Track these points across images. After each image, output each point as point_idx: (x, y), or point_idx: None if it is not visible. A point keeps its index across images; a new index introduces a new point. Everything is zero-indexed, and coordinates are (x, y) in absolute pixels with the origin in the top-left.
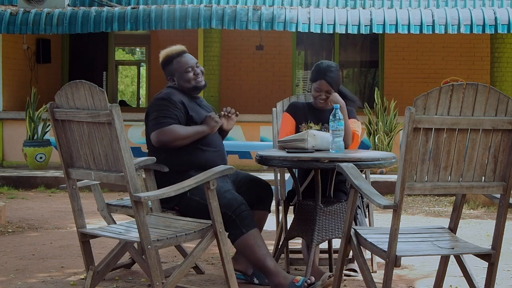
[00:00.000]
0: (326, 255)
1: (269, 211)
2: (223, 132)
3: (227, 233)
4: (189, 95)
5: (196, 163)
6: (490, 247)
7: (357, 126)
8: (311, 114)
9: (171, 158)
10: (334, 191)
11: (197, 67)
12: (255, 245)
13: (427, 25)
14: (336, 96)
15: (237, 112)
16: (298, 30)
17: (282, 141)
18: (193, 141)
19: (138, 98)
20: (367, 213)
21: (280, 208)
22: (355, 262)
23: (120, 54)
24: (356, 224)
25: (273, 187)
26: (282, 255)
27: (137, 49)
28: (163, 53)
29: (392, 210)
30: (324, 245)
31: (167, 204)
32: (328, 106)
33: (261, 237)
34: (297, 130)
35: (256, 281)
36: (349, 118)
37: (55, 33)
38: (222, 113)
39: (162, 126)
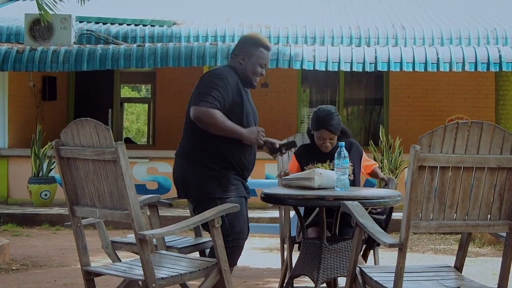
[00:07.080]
0: None
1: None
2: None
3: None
4: (241, 82)
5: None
6: (496, 286)
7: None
8: (318, 153)
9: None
10: (341, 225)
11: (265, 68)
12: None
13: (431, 63)
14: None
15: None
16: (303, 67)
17: (288, 179)
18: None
19: (148, 136)
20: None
21: (285, 246)
22: None
23: (125, 92)
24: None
25: (278, 225)
26: None
27: (143, 86)
28: (258, 34)
29: (397, 248)
30: None
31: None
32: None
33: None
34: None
35: None
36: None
37: (61, 70)
38: (278, 156)
39: (206, 106)
